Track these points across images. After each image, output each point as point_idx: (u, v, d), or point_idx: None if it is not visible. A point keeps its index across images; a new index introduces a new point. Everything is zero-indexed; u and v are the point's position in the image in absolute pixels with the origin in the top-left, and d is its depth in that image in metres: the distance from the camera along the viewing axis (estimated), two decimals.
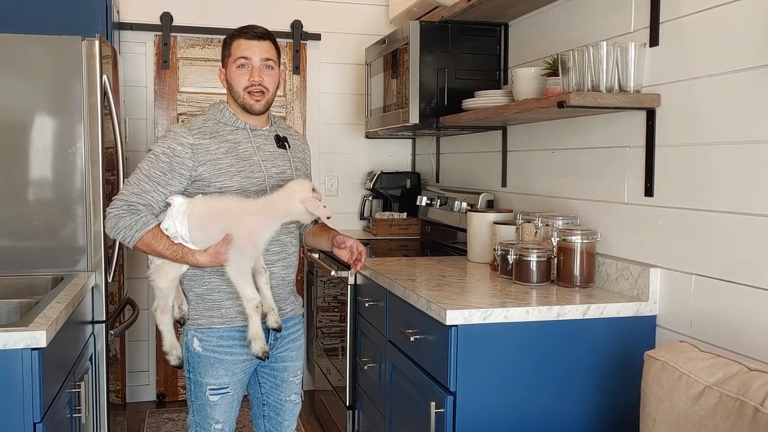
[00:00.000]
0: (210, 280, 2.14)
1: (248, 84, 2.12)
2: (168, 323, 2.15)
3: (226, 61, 2.17)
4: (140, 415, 3.85)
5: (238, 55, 2.13)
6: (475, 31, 3.15)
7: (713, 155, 1.93)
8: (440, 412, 2.03)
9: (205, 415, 2.17)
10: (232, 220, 2.02)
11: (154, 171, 2.05)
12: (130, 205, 2.03)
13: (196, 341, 2.14)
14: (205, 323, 2.14)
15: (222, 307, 2.14)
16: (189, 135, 2.07)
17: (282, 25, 4.11)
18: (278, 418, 2.34)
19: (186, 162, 2.05)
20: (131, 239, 2.02)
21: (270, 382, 2.30)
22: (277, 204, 2.04)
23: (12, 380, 1.85)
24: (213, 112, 2.18)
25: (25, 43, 2.66)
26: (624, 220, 2.30)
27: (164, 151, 2.06)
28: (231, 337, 2.14)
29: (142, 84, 3.98)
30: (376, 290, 2.70)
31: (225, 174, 2.08)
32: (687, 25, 2.02)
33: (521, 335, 2.05)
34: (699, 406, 1.59)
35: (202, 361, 2.14)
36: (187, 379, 2.20)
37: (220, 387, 2.15)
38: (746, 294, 1.83)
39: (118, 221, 2.03)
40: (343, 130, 4.31)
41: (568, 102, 2.10)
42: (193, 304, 2.16)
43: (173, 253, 2.04)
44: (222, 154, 2.09)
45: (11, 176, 2.68)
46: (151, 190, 2.04)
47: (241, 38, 2.14)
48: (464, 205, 3.28)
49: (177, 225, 2.03)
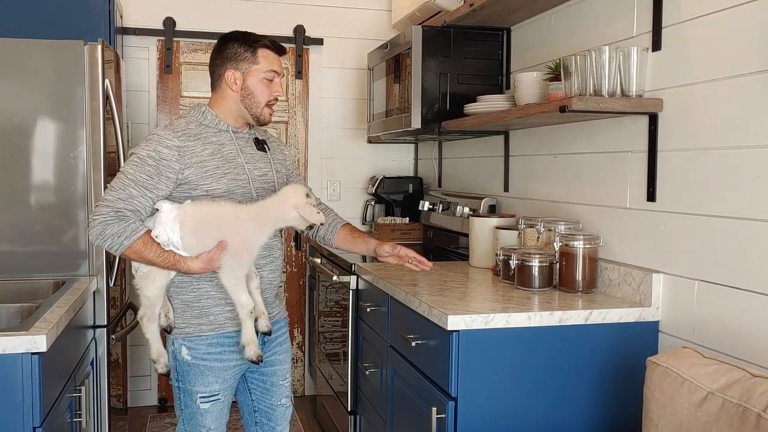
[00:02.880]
0: (198, 287, 2.10)
1: (272, 98, 2.12)
2: (155, 332, 2.12)
3: (247, 68, 2.10)
4: (142, 419, 3.85)
5: (269, 68, 2.11)
6: (478, 36, 3.15)
7: (716, 160, 1.92)
8: (441, 418, 2.02)
9: (196, 423, 2.13)
10: (226, 227, 1.98)
11: (140, 175, 1.97)
12: (117, 211, 1.95)
13: (185, 350, 2.10)
14: (194, 331, 2.10)
15: (211, 314, 2.10)
16: (174, 137, 2.02)
17: (285, 29, 4.12)
18: (271, 424, 2.31)
19: (173, 165, 2.00)
20: (119, 246, 1.94)
21: (260, 387, 2.28)
22: (271, 210, 2.01)
23: (12, 384, 1.85)
24: (194, 114, 2.13)
25: (27, 48, 2.66)
26: (626, 226, 2.29)
27: (150, 154, 1.99)
28: (220, 343, 2.11)
29: (145, 89, 3.98)
30: (377, 295, 2.69)
31: (212, 176, 2.04)
32: (689, 30, 2.02)
33: (523, 341, 2.04)
34: (702, 413, 1.58)
35: (191, 370, 2.10)
36: (176, 389, 2.15)
37: (210, 394, 2.12)
38: (749, 300, 1.81)
39: (105, 228, 1.93)
40: (346, 135, 4.31)
41: (570, 107, 2.10)
42: (179, 312, 2.11)
43: (164, 260, 1.98)
44: (208, 156, 2.05)
45: (13, 180, 2.68)
46: (139, 195, 1.97)
47: (270, 50, 2.12)
48: (466, 210, 3.27)
49: (168, 232, 1.97)
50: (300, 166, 4.25)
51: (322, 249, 3.67)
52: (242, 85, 2.10)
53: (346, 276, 3.03)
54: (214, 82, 2.16)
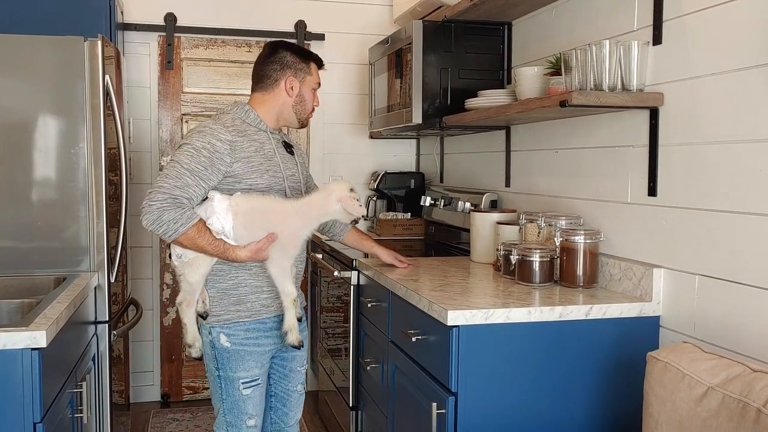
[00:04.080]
0: (237, 275, 2.21)
1: (313, 108, 2.37)
2: (192, 316, 2.21)
3: (303, 78, 2.30)
4: (144, 415, 3.85)
5: (318, 81, 2.35)
6: (479, 31, 3.14)
7: (717, 154, 1.92)
8: (442, 413, 2.02)
9: (238, 412, 2.22)
10: (275, 220, 2.11)
11: (195, 165, 2.08)
12: (175, 198, 2.04)
13: (223, 337, 2.20)
14: (232, 317, 2.20)
15: (247, 301, 2.21)
16: (227, 132, 2.14)
17: (286, 25, 4.12)
18: (285, 409, 2.42)
19: (225, 158, 2.11)
20: (174, 233, 2.03)
21: (279, 372, 2.38)
22: (316, 204, 2.15)
23: (12, 380, 1.86)
24: (238, 112, 2.25)
25: (27, 44, 2.66)
26: (627, 220, 2.29)
27: (204, 146, 2.10)
28: (256, 329, 2.22)
29: (146, 85, 3.98)
30: (378, 291, 2.69)
31: (257, 171, 2.17)
32: (690, 24, 2.01)
33: (523, 336, 2.04)
34: (702, 408, 1.57)
35: (231, 356, 2.20)
36: (216, 378, 2.23)
37: (252, 379, 2.22)
38: (750, 294, 1.81)
39: (162, 214, 2.02)
40: (347, 130, 4.31)
41: (571, 101, 2.09)
42: (216, 299, 2.21)
43: (215, 248, 2.09)
44: (253, 153, 2.19)
45: (14, 176, 2.68)
46: (194, 185, 2.07)
47: (317, 64, 2.36)
48: (468, 205, 3.27)
49: (222, 221, 2.07)
50: None
51: (323, 245, 3.67)
52: (298, 92, 2.29)
53: (347, 271, 3.03)
54: (265, 85, 2.30)
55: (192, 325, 2.22)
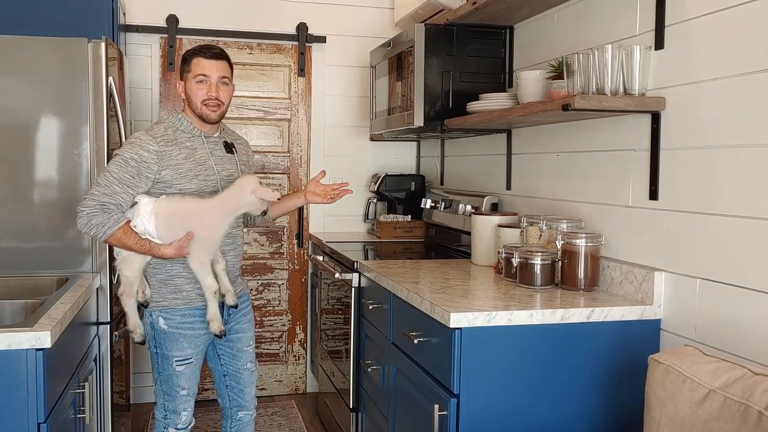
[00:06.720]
0: (171, 268, 2.41)
1: (206, 98, 2.38)
2: (133, 305, 2.40)
3: (185, 76, 2.42)
4: (144, 416, 3.85)
5: (198, 72, 2.39)
6: (480, 34, 3.15)
7: (718, 159, 1.93)
8: (443, 415, 2.03)
9: (172, 384, 2.44)
10: (193, 219, 2.29)
11: (123, 174, 2.27)
12: (102, 204, 2.25)
13: (162, 320, 2.41)
14: (170, 304, 2.41)
15: (183, 290, 2.42)
16: (154, 143, 2.31)
17: (287, 27, 4.13)
18: (239, 386, 2.62)
19: (152, 167, 2.30)
20: (103, 235, 2.25)
21: (227, 353, 2.59)
22: (230, 200, 2.32)
23: (16, 380, 1.86)
24: (172, 120, 2.42)
25: (31, 45, 2.67)
26: (628, 224, 2.30)
27: (132, 156, 2.28)
28: (192, 315, 2.43)
29: (148, 86, 3.99)
30: (380, 293, 2.70)
31: (185, 177, 2.34)
32: (693, 29, 2.02)
33: (525, 338, 2.04)
34: (703, 410, 1.58)
35: (168, 337, 2.41)
36: (154, 354, 2.46)
37: (185, 358, 2.44)
38: (751, 298, 1.82)
39: (90, 219, 2.24)
40: (348, 133, 4.32)
41: (573, 105, 2.10)
42: (156, 288, 2.42)
43: (141, 246, 2.30)
44: (182, 160, 2.35)
45: (17, 177, 2.69)
46: (121, 192, 2.27)
47: (200, 57, 2.40)
48: (468, 207, 3.28)
49: (145, 222, 2.27)
50: (302, 163, 4.26)
51: (324, 246, 3.68)
52: (184, 90, 2.42)
53: (348, 273, 3.04)
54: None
55: (133, 313, 2.41)
